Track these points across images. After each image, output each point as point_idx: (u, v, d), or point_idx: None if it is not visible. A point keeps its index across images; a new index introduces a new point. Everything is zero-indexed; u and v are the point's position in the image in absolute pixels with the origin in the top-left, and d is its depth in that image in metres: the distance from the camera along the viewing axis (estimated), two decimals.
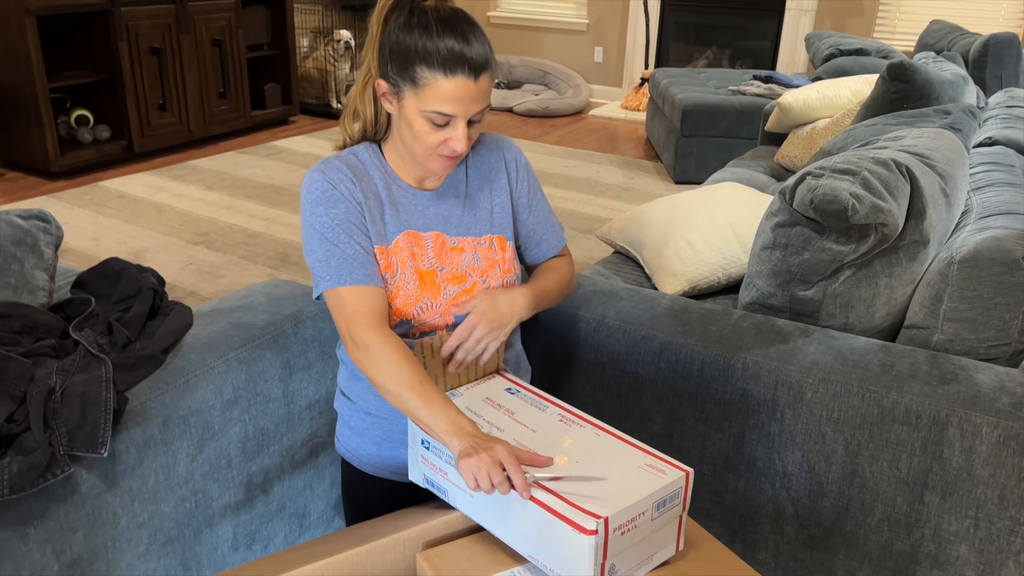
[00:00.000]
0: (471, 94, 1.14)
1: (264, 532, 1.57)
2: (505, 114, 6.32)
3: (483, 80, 1.14)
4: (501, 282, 1.31)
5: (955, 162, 1.76)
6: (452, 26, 1.13)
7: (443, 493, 1.15)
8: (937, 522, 1.37)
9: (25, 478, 1.08)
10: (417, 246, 1.26)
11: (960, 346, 1.48)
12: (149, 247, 3.63)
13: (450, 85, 1.12)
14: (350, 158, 1.26)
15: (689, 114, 4.49)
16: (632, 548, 1.02)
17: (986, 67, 3.42)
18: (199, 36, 4.97)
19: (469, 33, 1.13)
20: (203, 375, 1.38)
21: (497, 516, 1.07)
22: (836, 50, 4.27)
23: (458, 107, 1.14)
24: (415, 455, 1.18)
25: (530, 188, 1.37)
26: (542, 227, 1.39)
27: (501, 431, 1.13)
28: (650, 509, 1.02)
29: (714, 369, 1.48)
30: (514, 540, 1.06)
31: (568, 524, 0.97)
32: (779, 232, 1.55)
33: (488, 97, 1.17)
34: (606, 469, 1.06)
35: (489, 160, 1.34)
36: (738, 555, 1.58)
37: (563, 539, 0.98)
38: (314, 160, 4.98)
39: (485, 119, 1.21)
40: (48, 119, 4.33)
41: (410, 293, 1.25)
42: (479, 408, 1.19)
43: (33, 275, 1.48)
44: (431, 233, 1.28)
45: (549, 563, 1.02)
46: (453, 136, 1.16)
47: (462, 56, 1.12)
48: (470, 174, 1.32)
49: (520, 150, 1.38)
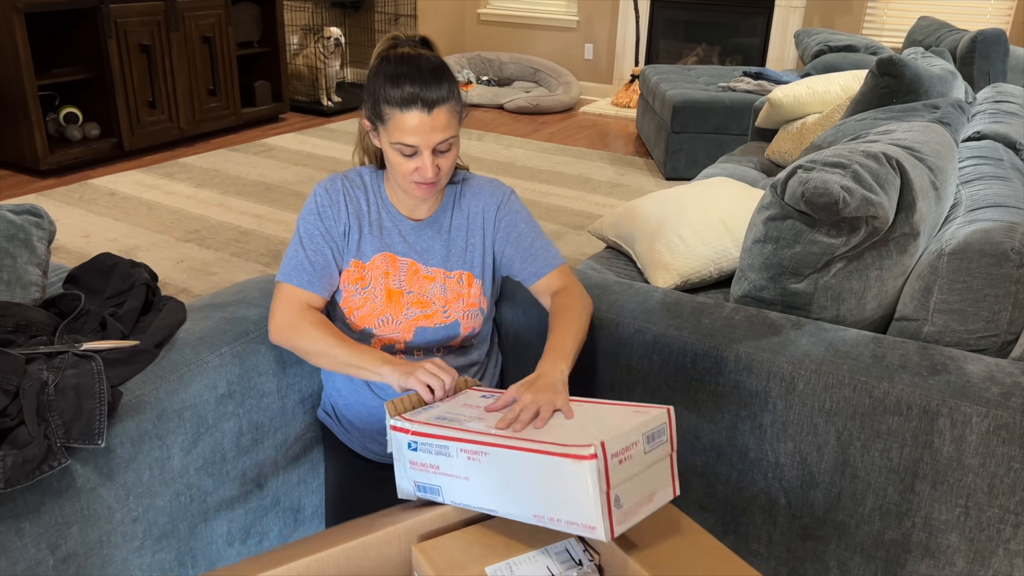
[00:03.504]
0: (427, 125, 1.28)
1: (259, 527, 1.57)
2: (496, 111, 6.32)
3: (438, 113, 1.28)
4: (463, 315, 1.46)
5: (944, 156, 1.78)
6: (412, 69, 1.28)
7: (435, 492, 1.14)
8: (928, 511, 1.39)
9: (20, 472, 1.08)
10: (392, 267, 1.44)
11: (950, 337, 1.49)
12: (140, 244, 3.62)
13: (406, 119, 1.28)
14: (355, 179, 1.45)
15: (679, 111, 4.50)
16: (632, 481, 1.03)
17: (974, 63, 3.44)
18: (188, 33, 4.95)
19: (427, 74, 1.28)
20: (197, 369, 1.38)
21: (495, 490, 1.07)
22: (825, 46, 4.29)
23: (418, 138, 1.29)
24: (402, 464, 1.17)
25: (509, 225, 1.48)
26: (524, 253, 1.48)
27: (483, 420, 1.14)
28: (641, 440, 1.04)
29: (706, 361, 1.49)
30: (517, 508, 1.06)
31: (566, 458, 0.99)
32: (770, 225, 1.56)
33: (449, 129, 1.31)
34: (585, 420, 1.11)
35: (474, 203, 1.48)
36: (731, 546, 1.59)
37: (565, 477, 0.99)
38: (304, 157, 4.97)
39: (456, 150, 1.36)
40: (37, 117, 4.30)
41: (375, 306, 1.42)
42: (458, 411, 1.19)
43: (26, 270, 1.47)
44: (407, 259, 1.44)
45: (557, 513, 1.02)
46: (421, 165, 1.31)
47: (415, 94, 1.27)
48: (455, 213, 1.47)
49: (508, 193, 1.50)
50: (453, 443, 1.10)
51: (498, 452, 1.06)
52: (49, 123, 4.66)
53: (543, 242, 1.50)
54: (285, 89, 5.73)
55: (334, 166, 4.83)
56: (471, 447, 1.08)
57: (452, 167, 1.37)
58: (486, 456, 1.07)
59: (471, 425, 1.12)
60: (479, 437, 1.08)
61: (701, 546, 1.09)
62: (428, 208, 1.46)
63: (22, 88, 4.24)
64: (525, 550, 1.09)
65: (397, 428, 1.16)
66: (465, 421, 1.14)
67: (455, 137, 1.33)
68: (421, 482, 1.15)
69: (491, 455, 1.06)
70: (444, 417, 1.16)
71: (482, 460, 1.07)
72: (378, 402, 1.46)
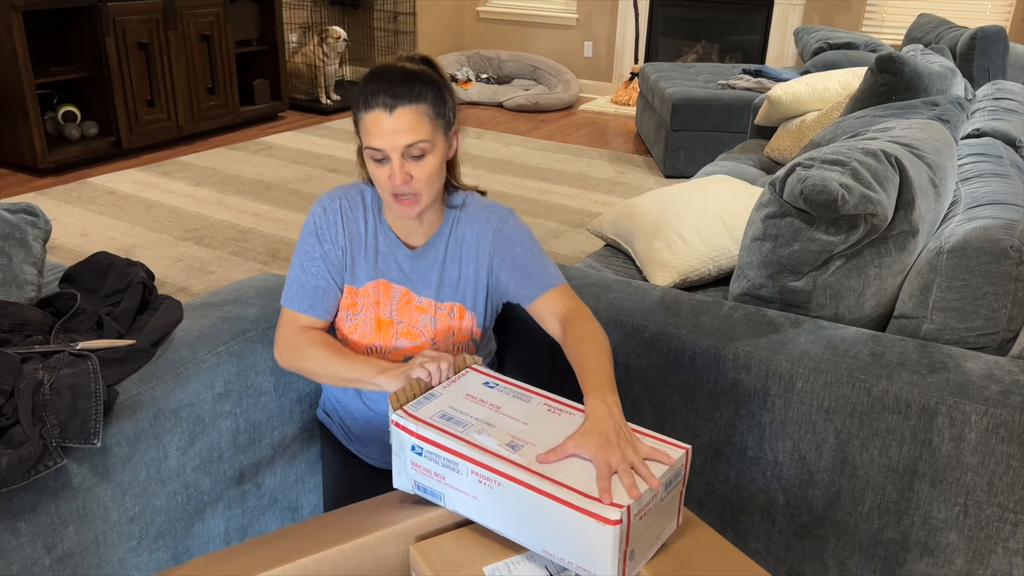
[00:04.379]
0: (389, 126, 1.22)
1: (256, 526, 1.56)
2: (495, 109, 6.32)
3: (401, 113, 1.22)
4: (452, 347, 1.41)
5: (944, 153, 1.77)
6: (384, 73, 1.24)
7: (438, 497, 1.11)
8: (927, 509, 1.38)
9: (15, 471, 1.08)
10: (384, 295, 1.39)
11: (949, 335, 1.49)
12: (138, 243, 3.61)
13: (369, 119, 1.23)
14: (355, 197, 1.39)
15: (679, 108, 4.50)
16: (647, 531, 1.02)
17: (974, 60, 3.43)
18: (187, 31, 4.94)
19: (398, 77, 1.23)
20: (194, 369, 1.37)
21: (504, 515, 1.04)
22: (825, 44, 4.28)
23: (382, 139, 1.23)
24: (402, 462, 1.13)
25: (504, 250, 1.38)
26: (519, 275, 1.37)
27: (492, 426, 1.11)
28: (661, 490, 1.03)
29: (705, 360, 1.49)
30: (526, 537, 1.04)
31: (591, 517, 0.96)
32: (769, 223, 1.56)
33: (417, 132, 1.23)
34: None
35: (469, 231, 1.40)
36: None
37: (586, 532, 0.97)
38: (303, 156, 4.97)
39: (435, 160, 1.27)
40: (35, 115, 4.30)
41: (365, 334, 1.39)
42: (463, 406, 1.16)
43: (22, 269, 1.47)
44: (401, 288, 1.39)
45: (569, 556, 1.00)
46: (394, 171, 1.24)
47: (378, 92, 1.22)
48: (451, 241, 1.40)
49: (504, 217, 1.39)
50: (464, 462, 1.05)
51: (514, 488, 1.02)
52: (47, 122, 4.66)
53: (541, 261, 1.38)
54: (284, 87, 5.73)
55: (333, 164, 4.83)
56: (484, 472, 1.04)
57: (431, 179, 1.27)
58: (499, 486, 1.03)
59: (482, 440, 1.07)
60: (494, 463, 1.03)
61: (702, 541, 1.09)
62: (423, 233, 1.39)
63: (20, 87, 4.23)
64: (523, 550, 1.09)
65: (401, 427, 1.11)
66: (472, 429, 1.10)
67: (427, 143, 1.24)
68: (423, 484, 1.13)
69: (505, 487, 1.03)
70: (449, 416, 1.12)
71: (494, 488, 1.04)
72: (371, 413, 1.43)
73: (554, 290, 1.35)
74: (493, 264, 1.39)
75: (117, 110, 4.65)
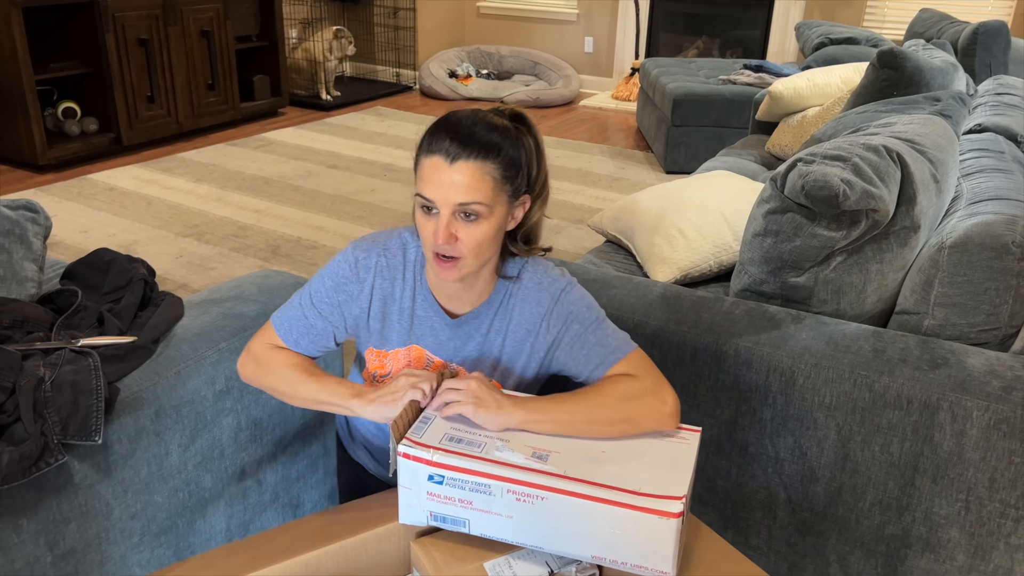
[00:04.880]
0: (446, 177, 1.08)
1: (258, 522, 1.56)
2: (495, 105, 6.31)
3: (460, 167, 1.08)
4: None
5: (945, 148, 1.77)
6: (459, 120, 1.11)
7: (460, 524, 1.05)
8: (928, 505, 1.38)
9: (16, 468, 1.08)
10: (416, 363, 1.25)
11: (951, 331, 1.48)
12: (139, 240, 3.61)
13: (427, 164, 1.10)
14: (396, 253, 1.23)
15: (680, 104, 4.49)
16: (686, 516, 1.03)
17: (975, 55, 3.42)
18: (187, 27, 4.93)
19: (470, 126, 1.10)
20: (195, 365, 1.37)
21: (545, 530, 1.02)
22: (826, 39, 4.27)
23: (435, 190, 1.09)
24: (415, 495, 1.05)
25: (560, 332, 1.22)
26: (576, 355, 1.22)
27: (506, 441, 1.07)
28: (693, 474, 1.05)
29: (706, 356, 1.49)
30: (571, 547, 1.02)
31: (651, 513, 0.96)
32: (770, 219, 1.56)
33: (476, 192, 1.08)
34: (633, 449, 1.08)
35: (520, 308, 1.23)
36: (730, 541, 1.59)
37: (645, 530, 0.97)
38: (303, 152, 4.96)
39: (491, 228, 1.11)
40: (35, 112, 4.29)
41: None
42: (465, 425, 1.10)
43: (22, 266, 1.47)
44: (436, 359, 1.25)
45: (622, 557, 1.00)
46: (440, 227, 1.10)
47: (444, 137, 1.09)
48: (499, 314, 1.24)
49: (559, 291, 1.22)
50: (497, 482, 1.00)
51: (560, 499, 0.99)
52: (47, 118, 4.65)
53: (601, 334, 1.20)
54: (284, 83, 5.72)
55: (333, 160, 4.82)
56: (523, 489, 1.00)
57: (480, 247, 1.12)
58: (542, 500, 1.00)
59: (507, 457, 1.03)
60: (532, 478, 1.00)
61: (700, 541, 1.09)
62: (470, 301, 1.22)
63: (20, 83, 4.23)
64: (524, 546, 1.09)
65: (414, 458, 1.03)
66: (491, 447, 1.05)
67: (483, 206, 1.09)
68: (442, 514, 1.06)
69: (550, 500, 0.99)
70: (458, 439, 1.06)
71: (536, 504, 1.00)
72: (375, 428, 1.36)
73: (620, 363, 1.19)
74: (545, 346, 1.24)
75: (117, 106, 4.64)
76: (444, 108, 6.17)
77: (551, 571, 1.06)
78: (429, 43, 6.84)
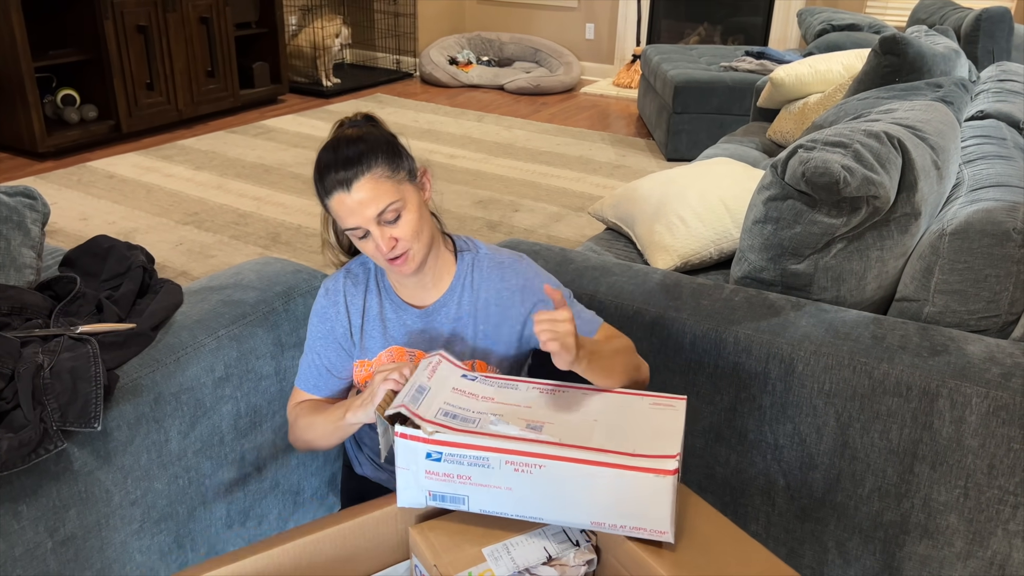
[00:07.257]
0: (355, 203, 1.18)
1: (258, 509, 1.57)
2: (496, 92, 6.29)
3: (359, 187, 1.17)
4: None
5: (947, 135, 1.76)
6: (330, 154, 1.19)
7: (459, 502, 1.06)
8: (927, 492, 1.38)
9: (16, 455, 1.08)
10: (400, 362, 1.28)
11: (951, 318, 1.48)
12: (139, 227, 3.61)
13: (334, 204, 1.19)
14: (357, 273, 1.34)
15: (681, 91, 4.47)
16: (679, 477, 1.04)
17: (978, 41, 3.40)
18: (186, 14, 4.91)
19: (342, 153, 1.18)
20: (194, 353, 1.37)
21: (544, 500, 1.03)
22: (828, 25, 4.25)
23: (353, 218, 1.19)
24: (413, 475, 1.06)
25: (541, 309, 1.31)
26: None
27: (500, 415, 1.09)
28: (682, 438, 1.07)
29: (706, 343, 1.49)
30: (569, 516, 1.03)
31: (648, 472, 0.98)
32: (771, 206, 1.55)
33: (381, 198, 1.18)
34: (622, 418, 1.10)
35: (486, 290, 1.32)
36: None
37: (642, 490, 0.99)
38: (303, 140, 4.95)
39: (413, 215, 1.21)
40: (34, 99, 4.28)
41: None
42: (457, 401, 1.13)
43: (20, 252, 1.47)
44: (415, 351, 1.33)
45: (621, 520, 1.01)
46: (377, 242, 1.20)
47: (331, 176, 1.18)
48: (464, 300, 1.32)
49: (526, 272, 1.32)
50: (495, 454, 1.02)
51: (558, 466, 1.01)
52: (46, 105, 4.64)
53: (576, 308, 1.33)
54: (284, 70, 5.70)
55: None
56: (521, 459, 1.02)
57: (416, 232, 1.22)
58: (541, 469, 1.01)
59: (503, 429, 1.05)
60: (529, 447, 1.02)
61: (703, 520, 1.09)
62: (434, 289, 1.32)
63: (19, 70, 4.21)
64: (522, 531, 1.09)
65: (410, 437, 1.04)
66: (485, 422, 1.07)
67: (396, 202, 1.19)
68: (439, 492, 1.07)
69: (548, 468, 1.01)
70: (453, 414, 1.09)
71: (535, 472, 1.02)
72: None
73: (599, 332, 1.31)
74: (527, 320, 1.32)
75: (116, 93, 4.63)
76: (444, 95, 6.15)
77: (549, 556, 1.06)
78: (429, 29, 6.81)
